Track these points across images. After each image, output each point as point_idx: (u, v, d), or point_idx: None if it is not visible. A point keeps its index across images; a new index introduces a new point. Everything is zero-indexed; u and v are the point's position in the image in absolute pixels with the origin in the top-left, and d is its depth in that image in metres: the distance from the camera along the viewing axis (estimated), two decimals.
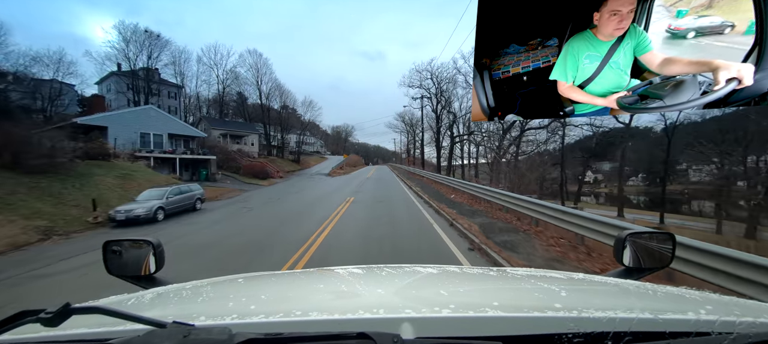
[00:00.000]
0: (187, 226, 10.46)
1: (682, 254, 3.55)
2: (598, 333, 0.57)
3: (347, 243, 7.08)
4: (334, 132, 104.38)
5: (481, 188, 13.90)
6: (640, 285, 1.02)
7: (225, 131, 41.76)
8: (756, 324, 0.59)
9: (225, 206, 15.13)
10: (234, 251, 6.90)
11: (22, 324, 0.56)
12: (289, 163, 47.26)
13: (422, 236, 7.60)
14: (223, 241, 7.98)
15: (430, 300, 0.84)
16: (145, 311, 0.75)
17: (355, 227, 8.87)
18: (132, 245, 1.30)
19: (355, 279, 1.17)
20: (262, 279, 1.29)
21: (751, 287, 3.03)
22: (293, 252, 6.40)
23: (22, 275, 6.00)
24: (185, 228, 10.07)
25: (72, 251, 7.73)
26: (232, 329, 0.54)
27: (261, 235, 8.33)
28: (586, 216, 5.89)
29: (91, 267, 6.11)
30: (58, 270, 6.22)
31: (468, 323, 0.64)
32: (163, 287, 1.14)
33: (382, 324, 0.64)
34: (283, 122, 53.02)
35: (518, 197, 9.68)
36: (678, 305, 0.81)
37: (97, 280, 5.10)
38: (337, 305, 0.86)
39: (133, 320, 0.57)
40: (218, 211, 13.69)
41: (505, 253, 5.79)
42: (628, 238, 1.24)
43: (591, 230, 5.57)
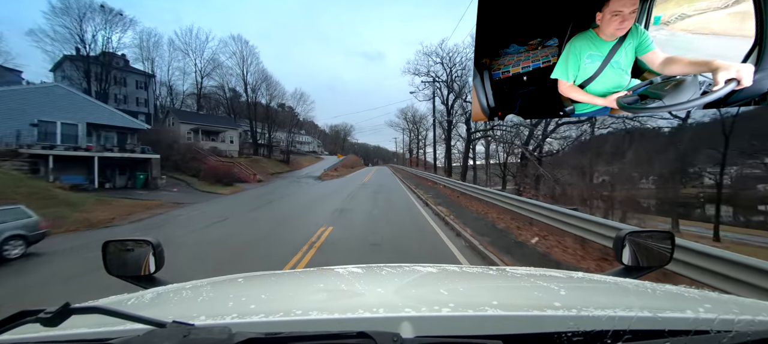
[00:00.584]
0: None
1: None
2: (598, 331, 0.57)
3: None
4: (333, 131, 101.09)
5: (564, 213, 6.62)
6: (639, 284, 1.02)
7: (196, 126, 35.16)
8: (755, 323, 0.59)
9: (79, 251, 7.52)
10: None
11: (21, 323, 0.56)
12: (277, 164, 42.53)
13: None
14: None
15: (430, 299, 0.85)
16: (145, 311, 0.75)
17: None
18: (132, 245, 1.30)
19: (355, 279, 1.17)
20: (262, 278, 1.29)
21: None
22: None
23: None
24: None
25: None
26: (232, 328, 0.54)
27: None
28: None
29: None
30: None
31: (467, 322, 0.64)
32: (163, 287, 1.14)
33: (382, 323, 0.64)
34: (270, 117, 46.75)
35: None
36: (677, 303, 0.82)
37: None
38: (337, 304, 0.87)
39: (133, 320, 0.57)
40: (45, 265, 6.82)
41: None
42: (628, 237, 1.24)
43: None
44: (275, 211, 13.21)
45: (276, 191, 21.55)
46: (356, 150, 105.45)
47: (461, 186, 16.66)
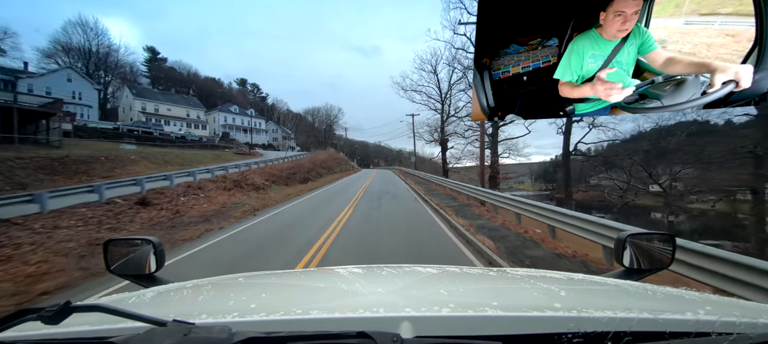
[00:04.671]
0: None
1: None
2: (598, 333, 0.57)
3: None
4: (314, 118, 72.91)
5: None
6: (640, 286, 1.02)
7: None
8: (757, 325, 0.59)
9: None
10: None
11: (22, 321, 0.56)
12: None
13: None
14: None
15: (430, 299, 0.85)
16: (145, 309, 0.75)
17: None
18: (133, 244, 1.31)
19: (355, 279, 1.17)
20: (263, 278, 1.30)
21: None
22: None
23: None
24: None
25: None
26: (232, 327, 0.54)
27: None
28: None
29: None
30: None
31: (467, 322, 0.64)
32: (164, 285, 1.15)
33: (382, 323, 0.64)
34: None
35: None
36: (677, 305, 0.82)
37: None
38: (337, 304, 0.87)
39: (134, 318, 0.57)
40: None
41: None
42: (629, 239, 1.24)
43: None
44: None
45: None
46: (351, 147, 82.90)
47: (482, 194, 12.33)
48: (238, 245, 7.54)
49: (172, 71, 62.84)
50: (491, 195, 11.65)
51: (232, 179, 20.05)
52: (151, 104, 44.22)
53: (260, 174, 23.76)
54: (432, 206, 13.05)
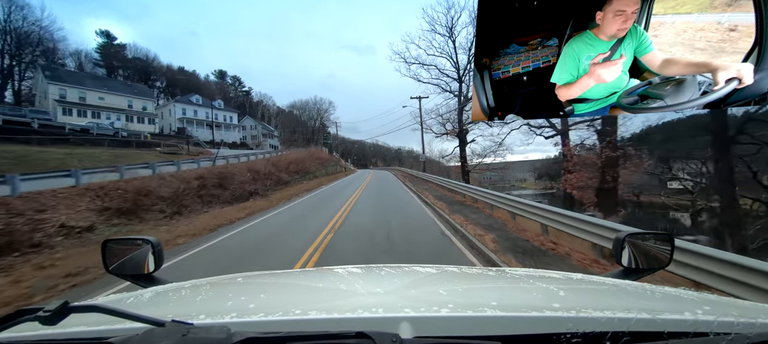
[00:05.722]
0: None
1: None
2: (597, 333, 0.57)
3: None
4: (302, 112, 63.21)
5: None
6: (638, 286, 1.02)
7: None
8: (755, 325, 0.59)
9: None
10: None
11: (20, 322, 0.56)
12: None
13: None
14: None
15: (429, 299, 0.85)
16: (143, 309, 0.74)
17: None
18: (131, 244, 1.30)
19: (354, 279, 1.17)
20: (262, 278, 1.29)
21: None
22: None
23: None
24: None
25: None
26: (230, 327, 0.54)
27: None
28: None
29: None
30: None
31: (466, 322, 0.64)
32: (162, 285, 1.14)
33: (381, 323, 0.64)
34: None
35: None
36: (676, 305, 0.82)
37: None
38: (336, 304, 0.86)
39: (132, 318, 0.57)
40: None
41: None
42: (627, 239, 1.24)
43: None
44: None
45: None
46: (348, 146, 75.12)
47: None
48: None
49: (133, 61, 53.02)
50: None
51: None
52: (74, 90, 34.40)
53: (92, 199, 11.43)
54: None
